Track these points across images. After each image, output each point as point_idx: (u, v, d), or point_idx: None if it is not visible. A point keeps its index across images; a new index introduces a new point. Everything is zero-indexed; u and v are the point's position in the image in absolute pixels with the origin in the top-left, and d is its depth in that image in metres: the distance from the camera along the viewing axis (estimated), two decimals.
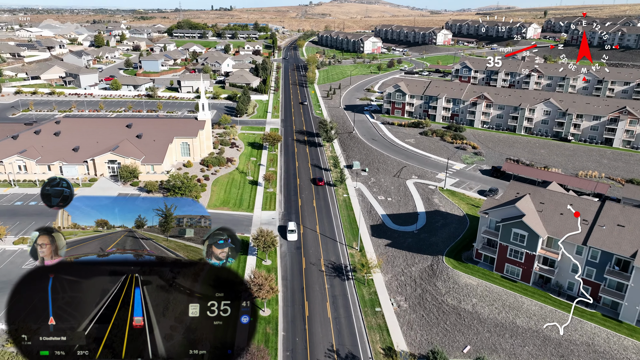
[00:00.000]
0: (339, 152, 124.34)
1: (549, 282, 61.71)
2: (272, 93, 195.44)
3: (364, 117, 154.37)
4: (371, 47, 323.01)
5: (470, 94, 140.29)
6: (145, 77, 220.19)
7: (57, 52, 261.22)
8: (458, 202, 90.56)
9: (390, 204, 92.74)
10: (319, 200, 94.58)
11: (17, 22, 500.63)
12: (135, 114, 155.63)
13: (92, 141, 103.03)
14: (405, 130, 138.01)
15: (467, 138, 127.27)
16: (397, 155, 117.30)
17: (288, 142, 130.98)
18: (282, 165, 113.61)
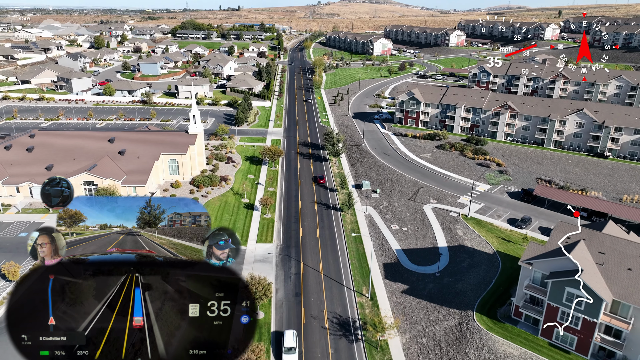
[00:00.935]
0: (347, 168, 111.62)
1: (614, 356, 48.57)
2: (275, 99, 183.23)
3: (375, 127, 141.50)
4: (381, 48, 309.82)
5: (492, 102, 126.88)
6: (143, 80, 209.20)
7: (54, 54, 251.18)
8: (486, 234, 77.44)
9: (406, 235, 79.88)
10: (323, 229, 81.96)
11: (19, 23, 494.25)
12: (127, 122, 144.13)
13: (68, 158, 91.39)
14: (420, 143, 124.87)
15: (490, 153, 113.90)
16: (412, 174, 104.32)
17: (291, 156, 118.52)
18: (282, 184, 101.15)
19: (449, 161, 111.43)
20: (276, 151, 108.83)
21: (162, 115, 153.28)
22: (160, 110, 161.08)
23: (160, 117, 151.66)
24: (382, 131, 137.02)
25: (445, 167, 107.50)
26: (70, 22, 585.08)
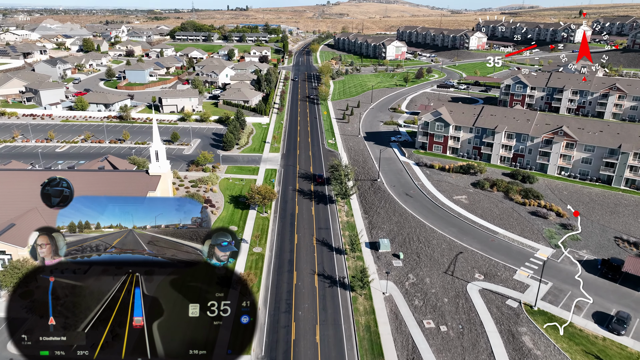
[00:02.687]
0: (359, 214, 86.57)
1: None
2: (275, 113, 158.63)
3: (392, 154, 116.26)
4: (394, 52, 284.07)
5: (541, 127, 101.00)
6: (127, 90, 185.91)
7: (35, 58, 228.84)
8: (569, 347, 51.93)
9: (445, 340, 54.65)
10: (326, 326, 56.95)
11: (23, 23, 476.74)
12: (94, 145, 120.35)
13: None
14: (451, 178, 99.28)
15: (543, 196, 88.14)
16: (445, 227, 78.97)
17: (287, 195, 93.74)
18: (273, 241, 76.38)
19: (492, 208, 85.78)
20: (267, 193, 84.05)
21: (139, 135, 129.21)
22: (138, 128, 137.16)
23: (136, 137, 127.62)
24: (402, 159, 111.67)
25: (488, 218, 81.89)
26: (71, 22, 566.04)
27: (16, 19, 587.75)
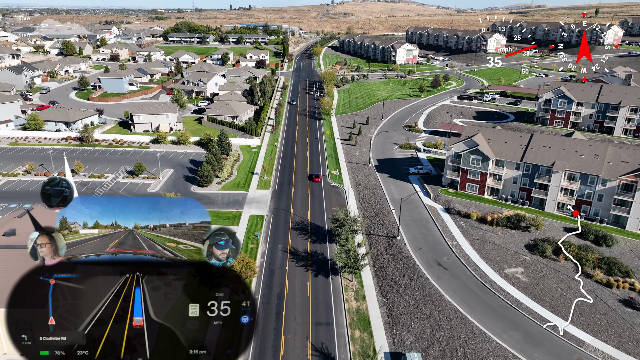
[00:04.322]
0: (373, 298, 61.36)
1: None
2: (268, 132, 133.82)
3: (411, 191, 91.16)
4: (405, 56, 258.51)
5: (616, 165, 75.49)
6: (101, 102, 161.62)
7: (5, 63, 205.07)
8: None
9: None
10: None
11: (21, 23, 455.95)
12: (38, 179, 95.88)
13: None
14: (495, 236, 73.72)
15: (634, 272, 62.63)
16: (502, 329, 53.63)
17: (275, 261, 68.66)
18: (248, 356, 51.34)
19: (563, 290, 60.24)
20: (245, 269, 59.17)
21: (99, 164, 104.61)
22: (100, 153, 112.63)
23: (94, 166, 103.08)
24: (426, 202, 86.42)
25: (562, 311, 56.32)
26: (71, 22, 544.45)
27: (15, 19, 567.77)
